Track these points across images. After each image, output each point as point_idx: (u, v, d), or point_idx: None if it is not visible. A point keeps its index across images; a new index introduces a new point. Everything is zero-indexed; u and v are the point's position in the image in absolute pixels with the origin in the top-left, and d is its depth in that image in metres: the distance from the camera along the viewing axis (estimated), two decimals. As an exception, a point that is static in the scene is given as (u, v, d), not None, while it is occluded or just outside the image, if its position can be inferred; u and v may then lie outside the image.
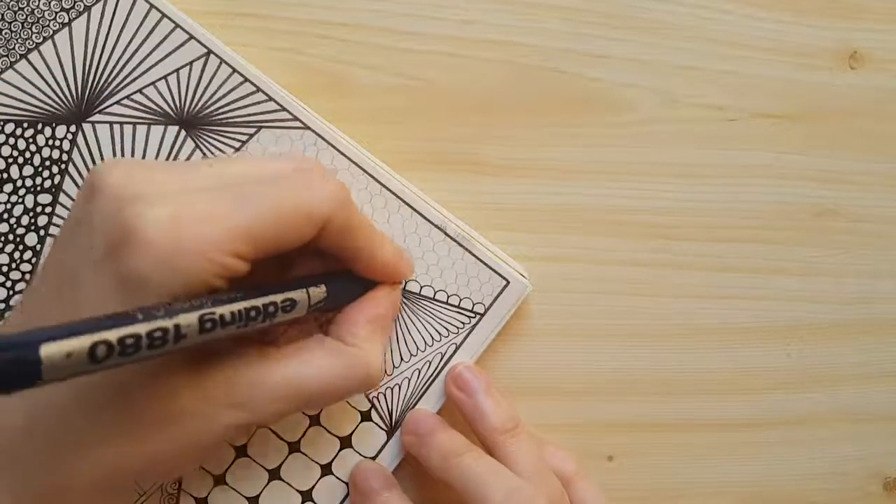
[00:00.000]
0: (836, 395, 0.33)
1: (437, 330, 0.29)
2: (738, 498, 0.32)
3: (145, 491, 0.27)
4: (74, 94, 0.28)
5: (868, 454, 0.33)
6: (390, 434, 0.28)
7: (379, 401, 0.29)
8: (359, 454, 0.28)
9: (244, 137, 0.28)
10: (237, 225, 0.20)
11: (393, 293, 0.26)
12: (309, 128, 0.28)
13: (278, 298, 0.21)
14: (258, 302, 0.21)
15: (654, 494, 0.32)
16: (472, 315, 0.29)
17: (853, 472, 0.33)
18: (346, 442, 0.28)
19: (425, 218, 0.29)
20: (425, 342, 0.29)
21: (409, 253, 0.28)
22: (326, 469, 0.28)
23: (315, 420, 0.28)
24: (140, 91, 0.28)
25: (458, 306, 0.29)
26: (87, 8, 0.27)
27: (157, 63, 0.28)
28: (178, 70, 0.28)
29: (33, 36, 0.27)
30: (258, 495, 0.28)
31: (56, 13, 0.27)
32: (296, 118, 0.28)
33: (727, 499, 0.32)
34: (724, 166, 0.32)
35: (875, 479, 0.33)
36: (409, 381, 0.29)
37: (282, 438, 0.28)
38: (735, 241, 0.32)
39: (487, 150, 0.31)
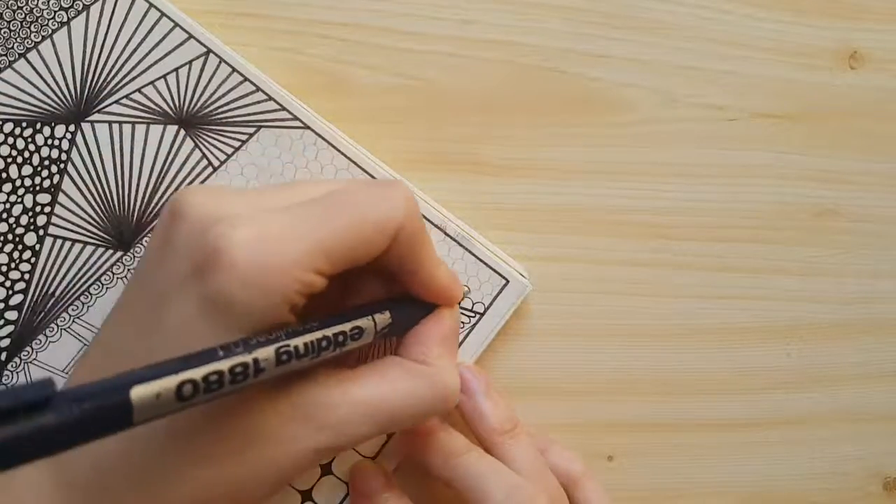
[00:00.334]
0: (836, 395, 0.33)
1: (437, 330, 0.29)
2: (738, 498, 0.32)
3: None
4: (73, 93, 0.27)
5: (868, 454, 0.33)
6: (390, 434, 0.28)
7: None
8: (359, 454, 0.28)
9: (244, 137, 0.28)
10: (316, 240, 0.20)
11: (454, 313, 0.26)
12: (309, 127, 0.28)
13: (347, 327, 0.22)
14: (329, 332, 0.21)
15: (654, 494, 0.32)
16: (472, 314, 0.29)
17: (853, 471, 0.33)
18: (345, 442, 0.28)
19: (425, 217, 0.28)
20: (425, 342, 0.29)
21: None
22: (326, 469, 0.28)
23: (315, 420, 0.28)
24: (139, 90, 0.28)
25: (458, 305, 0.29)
26: (86, 7, 0.27)
27: (156, 62, 0.28)
28: (177, 69, 0.28)
29: (32, 35, 0.27)
30: (258, 496, 0.28)
31: (55, 12, 0.27)
32: (296, 118, 0.28)
33: (727, 499, 0.32)
34: (724, 166, 0.32)
35: (875, 479, 0.33)
36: (409, 381, 0.29)
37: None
38: (735, 241, 0.32)
39: (487, 150, 0.31)
